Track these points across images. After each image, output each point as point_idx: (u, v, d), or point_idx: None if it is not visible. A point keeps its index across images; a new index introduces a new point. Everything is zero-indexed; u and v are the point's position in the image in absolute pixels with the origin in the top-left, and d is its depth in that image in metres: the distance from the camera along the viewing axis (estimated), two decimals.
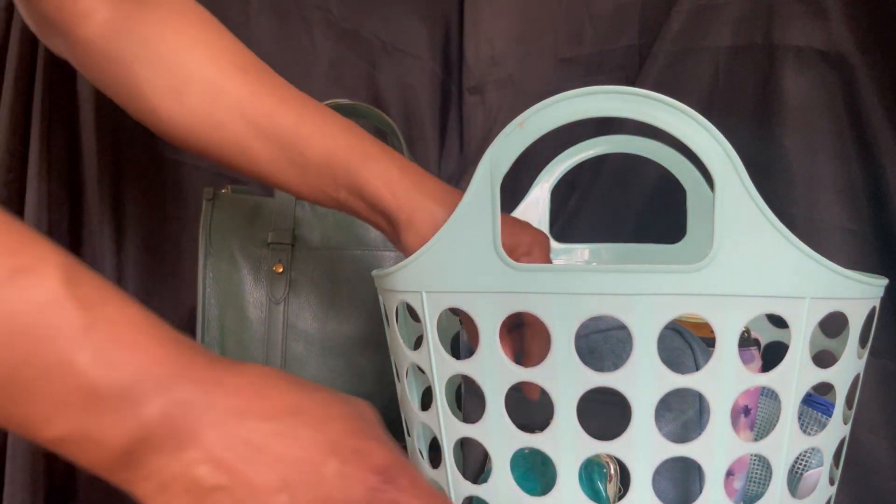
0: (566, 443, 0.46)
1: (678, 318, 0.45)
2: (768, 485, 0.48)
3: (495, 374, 0.47)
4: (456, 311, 0.56)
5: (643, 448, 0.45)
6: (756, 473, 0.57)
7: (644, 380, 0.44)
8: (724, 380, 0.45)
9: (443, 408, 0.51)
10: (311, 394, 0.38)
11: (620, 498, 0.46)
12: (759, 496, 0.48)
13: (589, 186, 0.92)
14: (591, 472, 0.50)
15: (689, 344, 0.50)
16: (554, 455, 0.47)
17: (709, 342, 0.48)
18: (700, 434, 0.45)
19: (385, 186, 0.53)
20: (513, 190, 0.74)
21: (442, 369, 0.50)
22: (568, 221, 0.93)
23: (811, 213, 0.74)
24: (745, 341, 0.53)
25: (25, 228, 0.34)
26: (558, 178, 0.75)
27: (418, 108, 1.15)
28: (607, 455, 0.49)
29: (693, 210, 0.73)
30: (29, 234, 0.34)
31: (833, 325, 0.52)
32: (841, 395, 0.51)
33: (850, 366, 0.50)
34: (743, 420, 0.52)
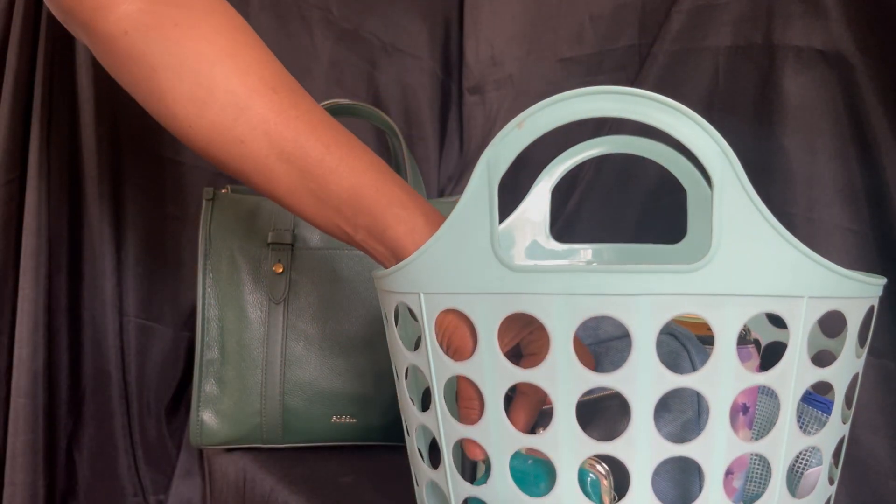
0: (566, 443, 0.46)
1: (676, 317, 0.45)
2: (768, 484, 0.48)
3: (494, 375, 0.47)
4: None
5: (643, 448, 0.45)
6: (756, 473, 0.57)
7: (643, 380, 0.44)
8: (722, 380, 0.45)
9: (442, 409, 0.51)
10: None
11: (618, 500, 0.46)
12: (759, 496, 0.48)
13: (589, 186, 0.92)
14: (584, 485, 0.49)
15: (684, 346, 0.50)
16: (554, 456, 0.47)
17: (705, 340, 0.48)
18: (699, 434, 0.45)
19: (408, 236, 0.52)
20: (513, 190, 0.74)
21: (440, 370, 0.50)
22: (568, 221, 0.93)
23: (810, 213, 0.74)
24: (743, 339, 0.53)
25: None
26: (558, 178, 0.75)
27: (418, 108, 1.15)
28: (599, 464, 0.49)
29: (693, 210, 0.73)
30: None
31: (832, 324, 0.53)
32: (840, 394, 0.51)
33: (848, 365, 0.50)
34: (741, 418, 0.52)
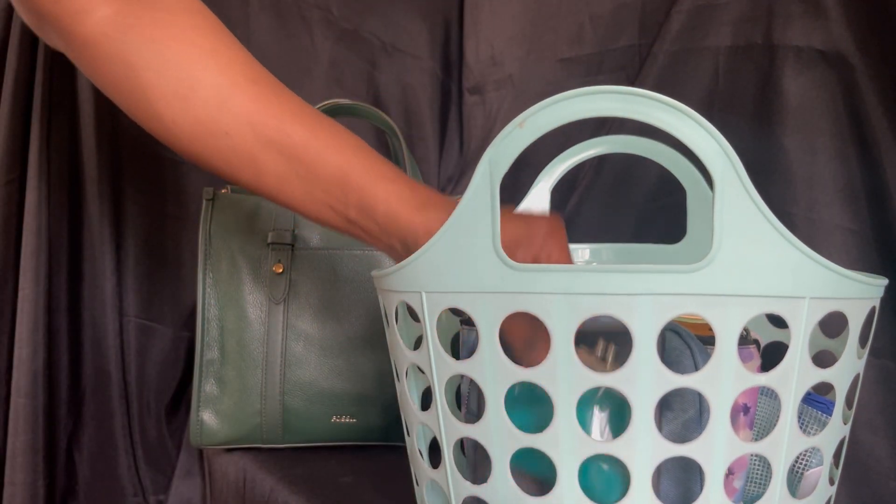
0: (566, 443, 0.46)
1: (677, 317, 0.45)
2: (768, 485, 0.48)
3: (495, 374, 0.47)
4: (455, 311, 0.56)
5: (643, 448, 0.45)
6: (756, 473, 0.57)
7: (644, 380, 0.44)
8: (723, 380, 0.45)
9: (442, 408, 0.51)
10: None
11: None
12: (759, 496, 0.48)
13: (589, 186, 0.92)
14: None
15: (688, 344, 0.50)
16: (554, 455, 0.47)
17: (706, 340, 0.48)
18: (700, 433, 0.45)
19: (400, 204, 0.52)
20: (513, 190, 0.74)
21: (442, 369, 0.50)
22: (568, 221, 0.93)
23: (811, 213, 0.74)
24: (744, 339, 0.53)
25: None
26: (558, 178, 0.75)
27: (418, 108, 1.15)
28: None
29: (693, 210, 0.73)
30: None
31: (833, 324, 0.52)
32: (841, 395, 0.51)
33: (849, 366, 0.50)
34: (742, 418, 0.52)
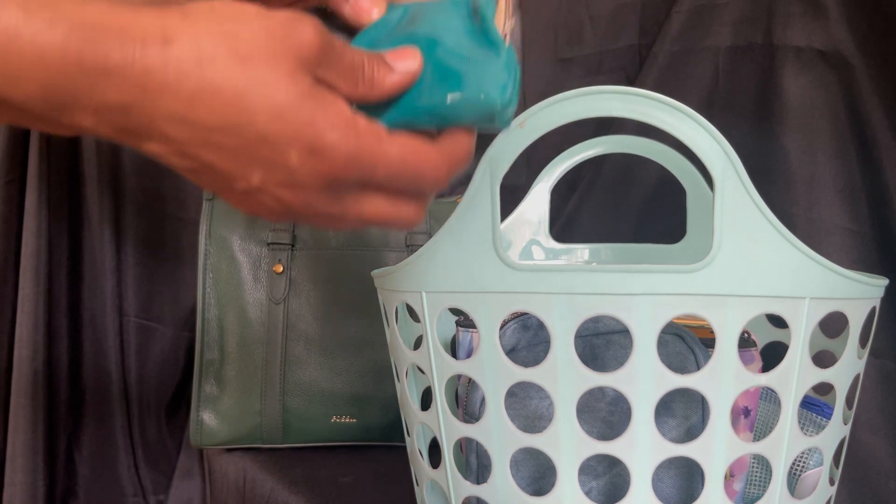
0: (566, 443, 0.46)
1: (677, 318, 0.45)
2: (767, 486, 0.48)
3: (495, 374, 0.47)
4: (455, 311, 0.56)
5: (644, 448, 0.45)
6: (755, 476, 0.57)
7: (644, 380, 0.44)
8: (723, 380, 0.45)
9: (442, 408, 0.51)
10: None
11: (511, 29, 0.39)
12: (759, 497, 0.48)
13: (589, 186, 0.92)
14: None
15: (692, 349, 0.50)
16: (554, 455, 0.47)
17: (707, 343, 0.48)
18: (700, 434, 0.45)
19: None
20: (513, 190, 0.74)
21: (442, 369, 0.50)
22: (568, 221, 0.93)
23: (811, 213, 0.74)
24: (746, 342, 0.53)
25: None
26: (558, 178, 0.75)
27: None
28: None
29: (693, 210, 0.73)
30: None
31: (833, 325, 0.52)
32: (841, 395, 0.50)
33: (850, 366, 0.50)
34: (743, 421, 0.52)
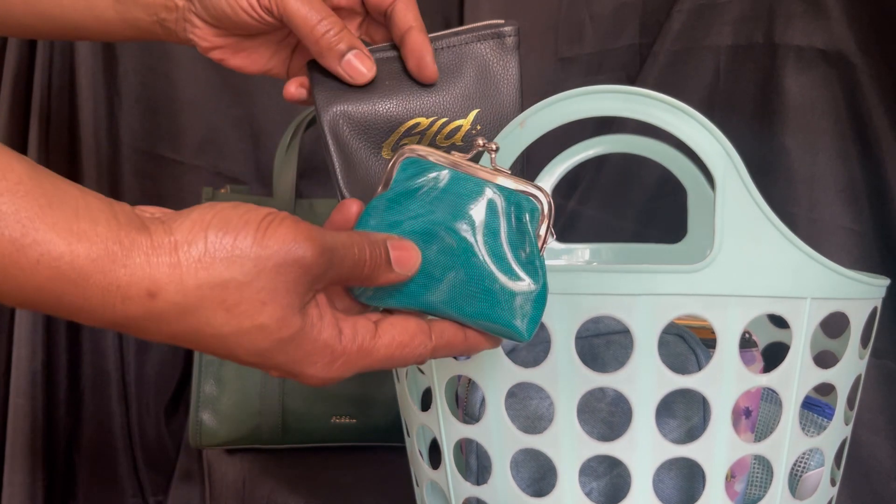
0: (566, 444, 0.46)
1: (678, 319, 0.45)
2: (768, 487, 0.48)
3: (495, 374, 0.47)
4: None
5: (644, 449, 0.45)
6: (756, 476, 0.57)
7: (645, 380, 0.44)
8: (724, 380, 0.44)
9: (442, 408, 0.51)
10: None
11: (548, 240, 0.40)
12: (760, 499, 0.48)
13: (589, 186, 0.92)
14: (519, 210, 0.39)
15: (693, 349, 0.50)
16: (554, 456, 0.47)
17: (709, 343, 0.48)
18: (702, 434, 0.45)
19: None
20: None
21: (441, 370, 0.50)
22: (569, 221, 0.93)
23: (812, 213, 0.73)
24: (747, 343, 0.53)
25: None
26: (558, 178, 0.75)
27: None
28: (538, 189, 0.40)
29: (694, 210, 0.72)
30: None
31: (834, 325, 0.52)
32: (842, 395, 0.50)
33: (851, 366, 0.50)
34: (744, 422, 0.52)
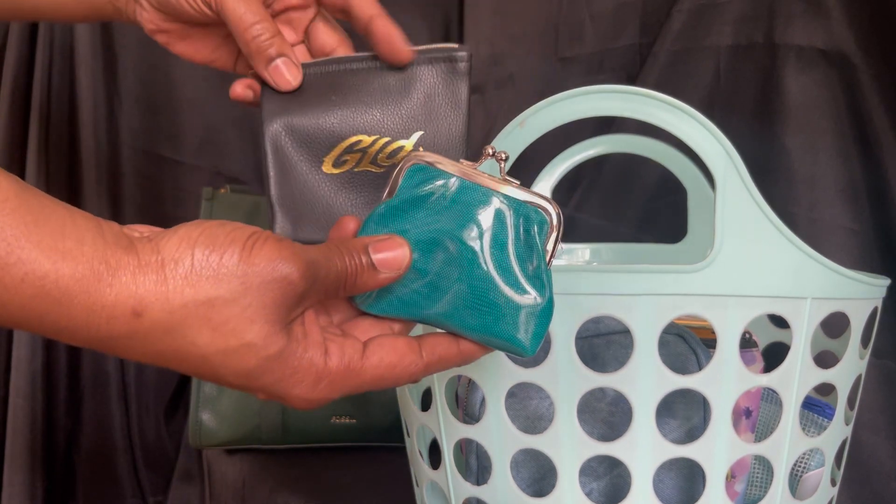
0: (566, 444, 0.46)
1: (678, 319, 0.44)
2: (769, 487, 0.48)
3: (495, 374, 0.47)
4: None
5: (644, 449, 0.45)
6: (757, 476, 0.57)
7: (645, 380, 0.44)
8: (725, 380, 0.44)
9: (442, 409, 0.51)
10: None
11: (556, 254, 0.39)
12: (760, 499, 0.48)
13: (590, 186, 0.92)
14: (527, 222, 0.39)
15: (693, 349, 0.50)
16: (554, 456, 0.46)
17: (709, 343, 0.48)
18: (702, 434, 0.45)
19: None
20: None
21: None
22: (569, 221, 0.93)
23: (812, 213, 0.73)
24: (747, 343, 0.53)
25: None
26: (558, 178, 0.75)
27: None
28: (548, 201, 0.40)
29: (694, 210, 0.72)
30: None
31: (834, 325, 0.52)
32: (843, 395, 0.50)
33: (851, 366, 0.50)
34: (744, 422, 0.52)
